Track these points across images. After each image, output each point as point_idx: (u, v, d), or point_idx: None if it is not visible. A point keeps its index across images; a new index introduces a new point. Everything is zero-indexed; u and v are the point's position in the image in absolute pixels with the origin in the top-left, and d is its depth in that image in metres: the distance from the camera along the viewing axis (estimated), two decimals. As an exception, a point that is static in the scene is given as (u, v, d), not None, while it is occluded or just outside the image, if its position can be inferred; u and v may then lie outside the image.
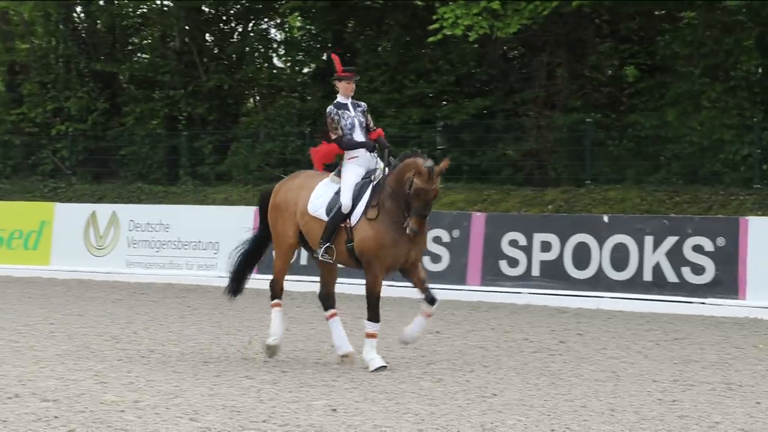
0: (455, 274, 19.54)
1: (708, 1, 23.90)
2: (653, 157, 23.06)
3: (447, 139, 24.81)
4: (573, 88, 24.79)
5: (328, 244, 11.70)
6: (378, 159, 11.96)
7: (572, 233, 18.87)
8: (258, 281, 13.50)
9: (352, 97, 12.15)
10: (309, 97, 29.32)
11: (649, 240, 18.28)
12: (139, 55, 32.58)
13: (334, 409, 9.41)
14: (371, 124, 12.14)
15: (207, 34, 31.08)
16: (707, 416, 9.46)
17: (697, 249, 17.94)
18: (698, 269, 17.89)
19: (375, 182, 11.71)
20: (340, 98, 12.08)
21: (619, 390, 10.58)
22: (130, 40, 32.56)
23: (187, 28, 30.20)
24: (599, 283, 18.47)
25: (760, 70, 24.23)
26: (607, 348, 13.56)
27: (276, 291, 12.31)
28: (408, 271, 11.89)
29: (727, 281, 17.64)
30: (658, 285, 18.06)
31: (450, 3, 22.90)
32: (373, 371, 11.33)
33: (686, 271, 17.95)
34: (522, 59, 27.09)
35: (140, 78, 30.85)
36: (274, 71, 31.62)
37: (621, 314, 17.27)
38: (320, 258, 11.85)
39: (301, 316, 16.44)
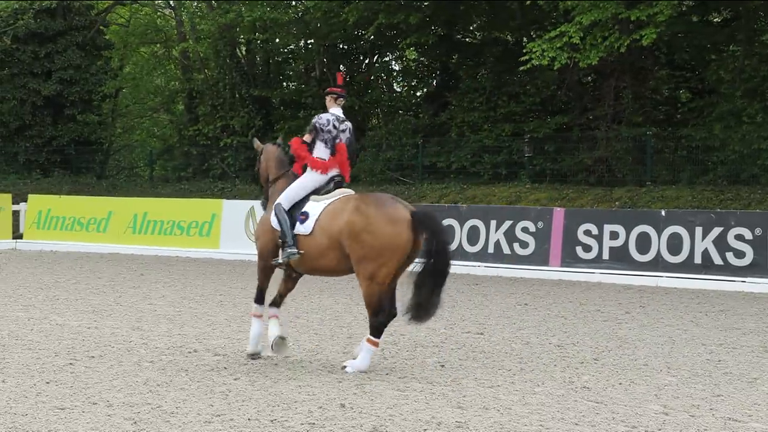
0: (540, 257, 19.40)
1: (748, 36, 23.47)
2: (702, 163, 22.65)
3: (533, 149, 24.63)
4: (636, 106, 24.43)
5: None
6: None
7: (636, 224, 18.61)
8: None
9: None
10: (421, 115, 29.36)
11: (699, 230, 17.94)
12: (287, 82, 32.97)
13: (443, 365, 9.43)
14: None
15: (341, 65, 31.31)
16: (747, 373, 9.29)
17: (739, 237, 17.57)
18: (739, 254, 17.52)
19: None
20: None
21: (674, 352, 10.43)
22: (281, 71, 32.95)
23: (325, 60, 30.47)
24: (658, 265, 18.18)
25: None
26: (664, 318, 13.37)
27: None
28: None
29: (764, 263, 17.26)
30: (707, 266, 17.73)
31: (536, 39, 22.82)
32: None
33: (730, 256, 17.58)
34: (594, 83, 26.80)
35: (288, 101, 31.22)
36: (394, 94, 31.73)
37: (676, 291, 17.00)
38: None
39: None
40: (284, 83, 32.68)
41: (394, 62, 32.40)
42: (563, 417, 7.36)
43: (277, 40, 31.46)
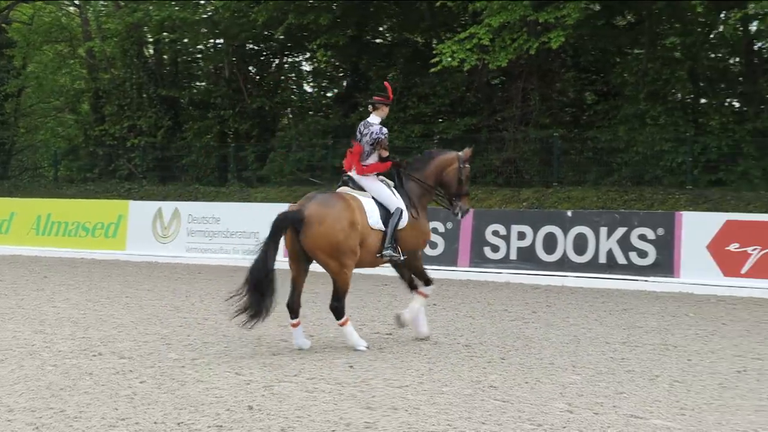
0: (449, 258, 19.54)
1: (651, 39, 23.96)
2: (607, 164, 23.05)
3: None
4: (543, 108, 24.77)
5: (394, 245, 10.52)
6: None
7: (542, 225, 18.86)
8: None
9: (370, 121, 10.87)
10: (331, 116, 29.36)
11: (603, 230, 18.26)
12: (196, 82, 32.66)
13: (352, 366, 9.44)
14: None
15: (250, 66, 31.12)
16: (649, 371, 9.48)
17: (642, 237, 17.92)
18: (642, 254, 17.87)
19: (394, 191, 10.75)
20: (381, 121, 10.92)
21: (579, 350, 10.59)
22: (189, 71, 32.62)
23: (234, 60, 30.25)
24: (564, 265, 18.46)
25: (692, 96, 24.32)
26: (570, 317, 13.57)
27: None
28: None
29: (665, 263, 17.62)
30: (611, 266, 18.05)
31: (445, 41, 22.98)
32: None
33: (633, 255, 17.92)
34: (502, 85, 27.08)
35: (197, 101, 30.92)
36: (304, 95, 31.66)
37: (581, 290, 17.27)
38: (388, 257, 10.55)
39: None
40: (193, 83, 32.37)
41: (304, 63, 32.32)
42: (470, 416, 7.43)
43: (186, 39, 31.09)
